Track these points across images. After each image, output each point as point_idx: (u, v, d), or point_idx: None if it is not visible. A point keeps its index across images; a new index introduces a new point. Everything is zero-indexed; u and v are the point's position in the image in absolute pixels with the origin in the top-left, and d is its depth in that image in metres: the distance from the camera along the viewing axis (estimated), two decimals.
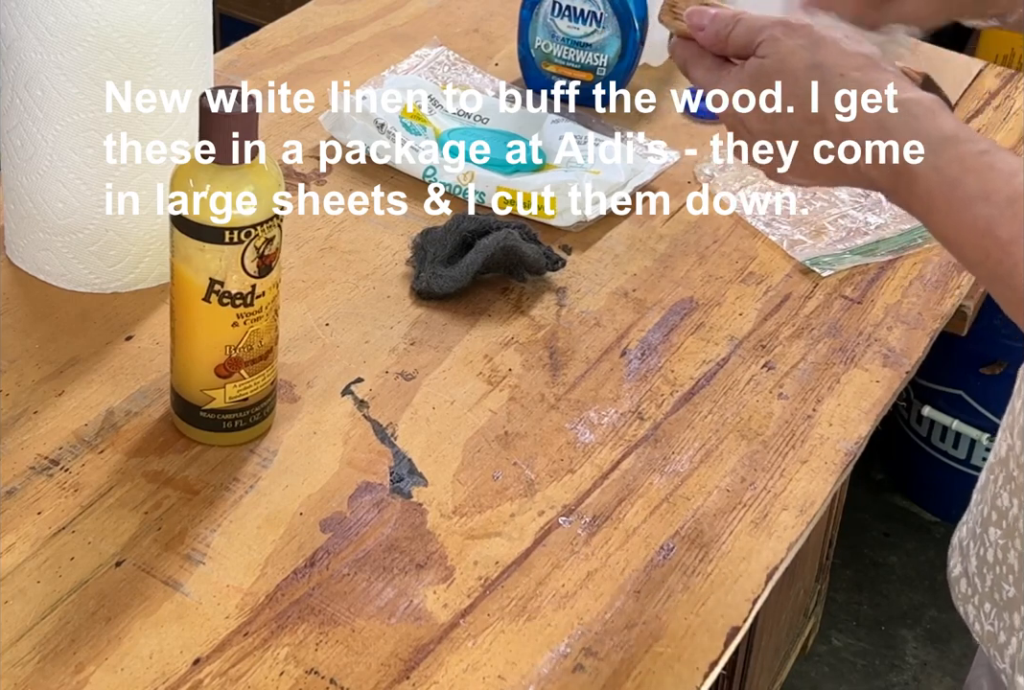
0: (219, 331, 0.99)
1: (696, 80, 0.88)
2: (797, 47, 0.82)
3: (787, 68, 0.82)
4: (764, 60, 0.83)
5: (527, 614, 0.95)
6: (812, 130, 0.81)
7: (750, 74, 0.84)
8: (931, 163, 0.77)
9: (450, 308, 1.20)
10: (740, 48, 0.85)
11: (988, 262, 0.76)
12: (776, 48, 0.83)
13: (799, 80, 0.81)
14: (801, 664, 2.02)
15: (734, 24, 0.85)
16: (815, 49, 0.82)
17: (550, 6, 1.44)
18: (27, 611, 0.92)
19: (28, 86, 1.10)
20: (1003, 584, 0.94)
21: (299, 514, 1.00)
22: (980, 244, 0.76)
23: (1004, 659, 0.94)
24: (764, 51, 0.83)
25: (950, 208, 0.77)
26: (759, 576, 1.00)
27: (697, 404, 1.13)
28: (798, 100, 0.81)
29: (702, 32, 0.86)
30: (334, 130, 1.36)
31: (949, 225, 0.78)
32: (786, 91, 0.82)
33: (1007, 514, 0.93)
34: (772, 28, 0.83)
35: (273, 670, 0.90)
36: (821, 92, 0.81)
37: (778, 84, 0.82)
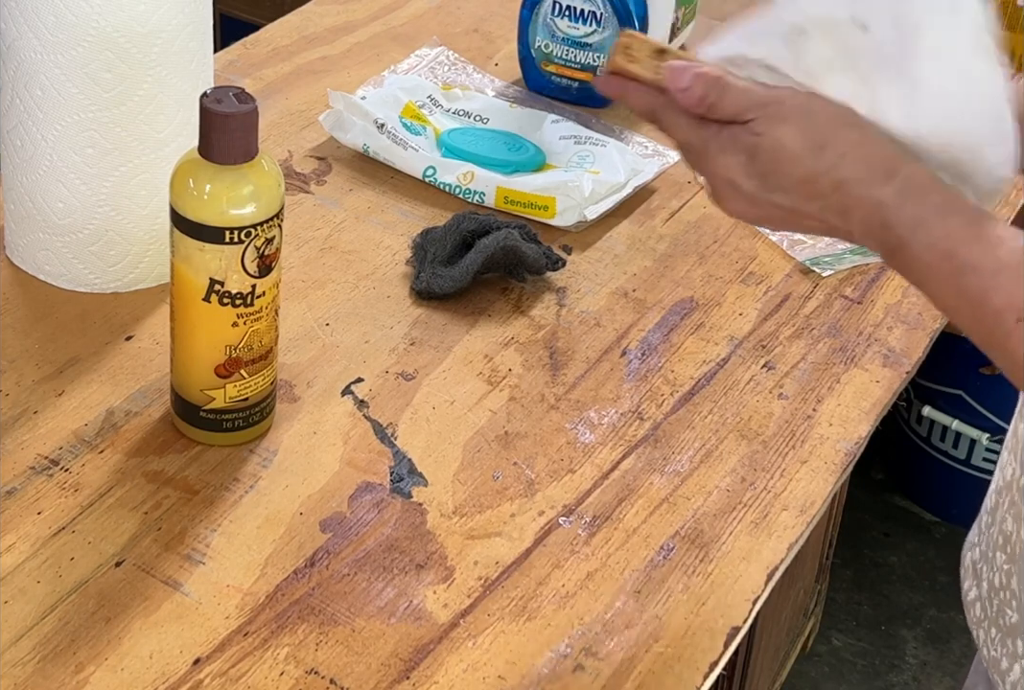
0: (219, 331, 0.99)
1: (677, 136, 0.85)
2: (795, 127, 0.81)
3: (787, 150, 0.80)
4: (760, 139, 0.81)
5: (527, 614, 0.95)
6: (812, 205, 0.82)
7: (746, 149, 0.82)
8: (923, 240, 0.78)
9: (450, 308, 1.20)
10: (728, 117, 0.82)
11: (983, 330, 0.78)
12: (772, 128, 0.81)
13: (800, 162, 0.80)
14: (801, 664, 2.02)
15: (721, 90, 0.82)
16: (814, 129, 0.81)
17: (550, 6, 1.44)
18: (27, 611, 0.92)
19: (28, 86, 1.10)
20: (1007, 609, 0.94)
21: (299, 514, 1.00)
22: (974, 314, 0.78)
23: (1006, 685, 0.94)
24: (758, 128, 0.81)
25: (943, 280, 0.79)
26: (759, 576, 1.00)
27: (697, 404, 1.13)
28: (799, 180, 0.81)
29: (685, 92, 0.82)
30: (334, 130, 1.36)
31: (943, 296, 0.80)
32: (787, 172, 0.81)
33: (1011, 539, 0.93)
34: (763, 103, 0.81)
35: (273, 670, 0.90)
36: (822, 175, 0.80)
37: (778, 164, 0.81)
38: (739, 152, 0.82)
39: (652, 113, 0.85)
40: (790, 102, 0.81)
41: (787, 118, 0.81)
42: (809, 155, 0.80)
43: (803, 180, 0.81)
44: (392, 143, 1.33)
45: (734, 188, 0.83)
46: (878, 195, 0.79)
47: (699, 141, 0.83)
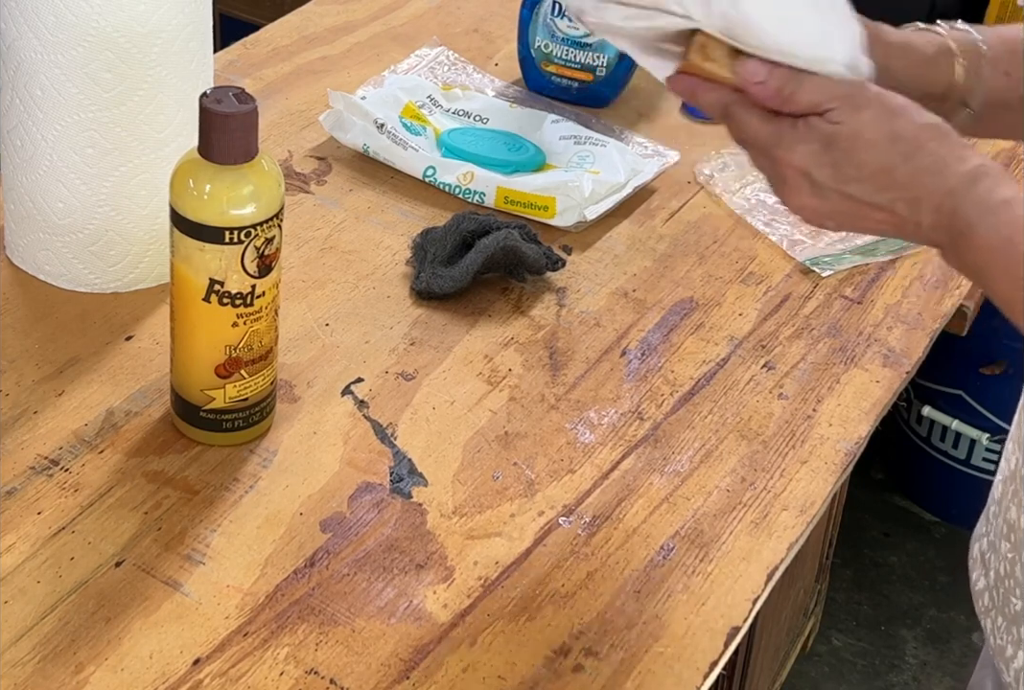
0: (219, 331, 0.99)
1: (749, 130, 0.85)
2: (873, 117, 0.83)
3: (864, 138, 0.82)
4: (838, 126, 0.83)
5: (527, 614, 0.95)
6: (883, 196, 0.83)
7: (822, 137, 0.83)
8: (989, 223, 0.80)
9: (450, 308, 1.20)
10: (805, 108, 0.83)
11: None
12: (851, 116, 0.82)
13: (879, 151, 0.82)
14: (801, 664, 2.02)
15: (799, 83, 0.83)
16: (891, 120, 0.83)
17: (550, 6, 1.44)
18: (27, 611, 0.92)
19: (28, 86, 1.10)
20: (1012, 597, 0.94)
21: (299, 514, 1.00)
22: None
23: (1010, 672, 0.94)
24: (838, 117, 0.83)
25: (1006, 265, 0.80)
26: (759, 576, 1.00)
27: (697, 404, 1.13)
28: (876, 170, 0.82)
29: (760, 85, 0.83)
30: (334, 130, 1.36)
31: (1003, 282, 0.81)
32: (865, 161, 0.82)
33: (1015, 528, 0.93)
34: (842, 94, 0.83)
35: (273, 670, 0.90)
36: (899, 164, 0.82)
37: (856, 153, 0.82)
38: (815, 141, 0.83)
39: (724, 109, 0.86)
40: (867, 93, 0.83)
41: (865, 108, 0.82)
42: (887, 145, 0.82)
43: (880, 169, 0.82)
44: (392, 143, 1.33)
45: (806, 178, 0.84)
46: (950, 182, 0.81)
47: (773, 134, 0.84)
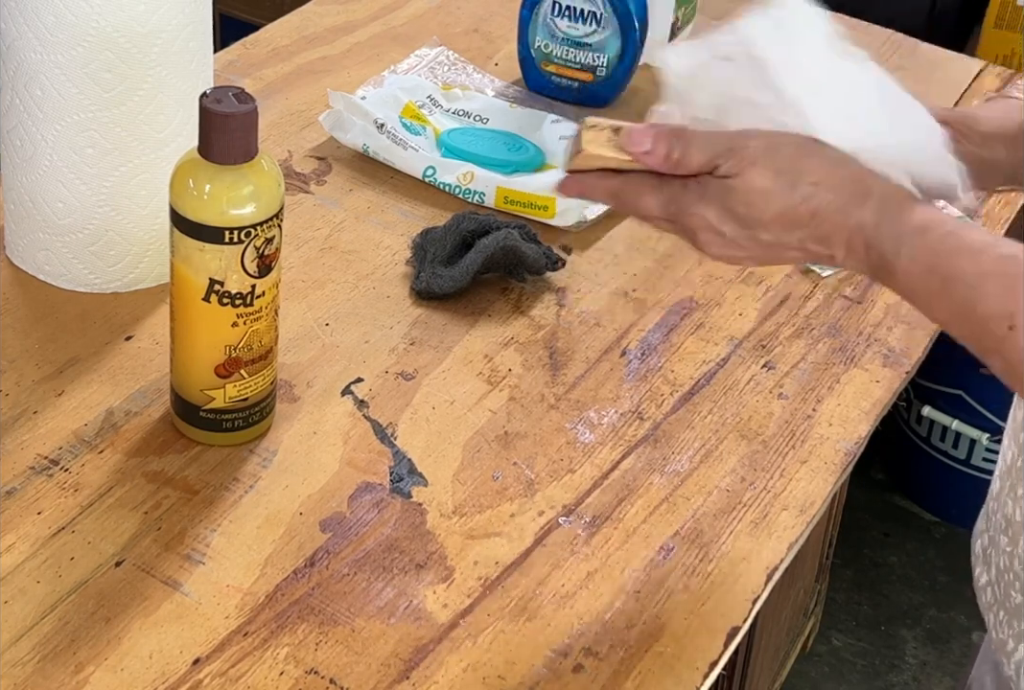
0: (219, 331, 0.99)
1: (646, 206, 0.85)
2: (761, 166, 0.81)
3: (758, 189, 0.81)
4: (730, 181, 0.82)
5: (527, 614, 0.95)
6: (791, 236, 0.82)
7: (717, 194, 0.82)
8: (905, 255, 0.79)
9: (450, 308, 1.20)
10: (697, 168, 0.83)
11: (975, 339, 0.79)
12: (740, 169, 0.82)
13: (773, 198, 0.81)
14: (801, 664, 2.02)
15: (685, 143, 0.83)
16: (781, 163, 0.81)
17: (550, 6, 1.44)
18: (27, 611, 0.92)
19: (28, 86, 1.10)
20: (1011, 591, 0.94)
21: (299, 514, 1.00)
22: (964, 324, 0.79)
23: (1011, 665, 0.94)
24: (726, 171, 0.82)
25: (929, 294, 0.80)
26: (759, 576, 1.00)
27: (697, 404, 1.13)
28: (775, 216, 0.82)
29: (648, 154, 0.83)
30: (334, 130, 1.36)
31: (933, 309, 0.81)
32: (762, 209, 0.82)
33: (1012, 522, 0.94)
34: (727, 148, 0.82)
35: (273, 670, 0.90)
36: (798, 207, 0.81)
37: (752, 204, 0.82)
38: (711, 198, 0.83)
39: (615, 195, 0.86)
40: (754, 143, 0.82)
41: (754, 159, 0.82)
42: (781, 190, 0.81)
43: (780, 214, 0.82)
44: (392, 143, 1.33)
45: (715, 234, 0.84)
46: (857, 218, 0.81)
47: (668, 202, 0.84)
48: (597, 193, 0.87)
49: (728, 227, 0.83)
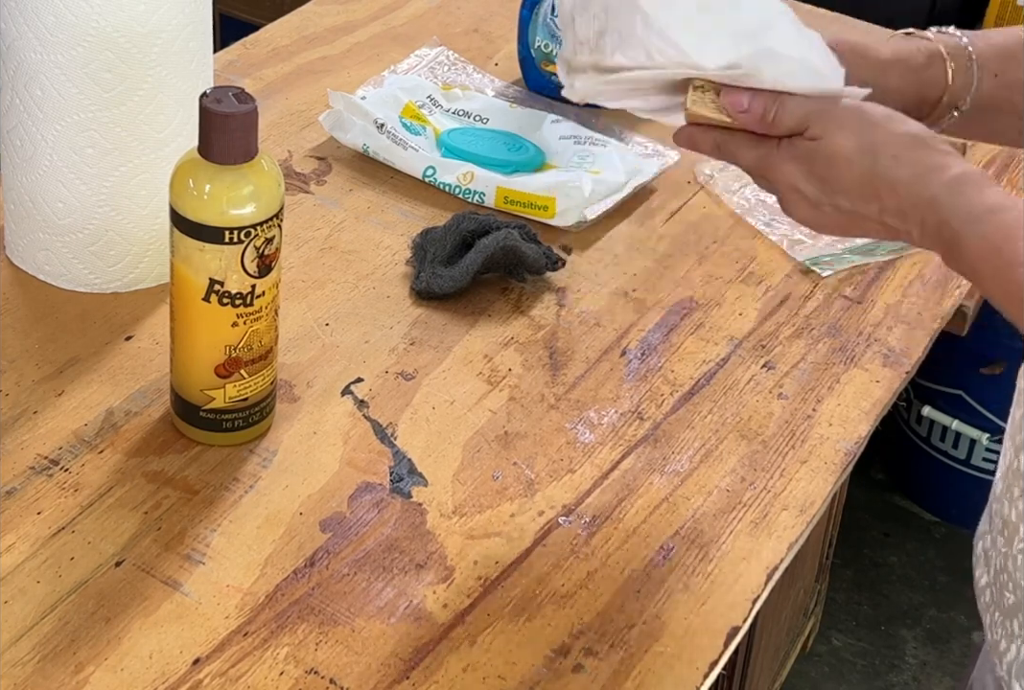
0: (219, 331, 0.99)
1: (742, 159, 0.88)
2: (848, 131, 0.84)
3: (841, 153, 0.84)
4: (816, 143, 0.85)
5: (527, 614, 0.95)
6: (868, 208, 0.85)
7: (803, 155, 0.85)
8: (977, 232, 0.81)
9: (450, 308, 1.20)
10: (789, 129, 0.86)
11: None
12: (827, 132, 0.84)
13: (854, 165, 0.84)
14: (801, 664, 2.02)
15: (778, 105, 0.85)
16: (867, 132, 0.84)
17: (550, 6, 1.44)
18: (27, 611, 0.92)
19: (28, 86, 1.10)
20: (1005, 592, 0.94)
21: (299, 514, 1.00)
22: (1022, 307, 0.79)
23: (1003, 666, 0.94)
24: (814, 134, 0.85)
25: (995, 273, 0.80)
26: (759, 576, 1.00)
27: (697, 404, 1.13)
28: (855, 183, 0.84)
29: (745, 113, 0.86)
30: (334, 130, 1.36)
31: (995, 289, 0.81)
32: (843, 174, 0.84)
33: (1008, 523, 0.94)
34: (818, 111, 0.85)
35: (273, 670, 0.90)
36: (876, 176, 0.83)
37: (834, 167, 0.84)
38: (798, 159, 0.86)
39: (717, 147, 0.89)
40: (843, 108, 0.85)
41: (841, 123, 0.84)
42: (862, 158, 0.84)
43: (859, 182, 0.84)
44: (392, 143, 1.33)
45: (799, 194, 0.86)
46: (932, 193, 0.82)
47: (761, 157, 0.87)
48: (703, 144, 0.90)
49: (811, 188, 0.85)
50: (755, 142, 0.87)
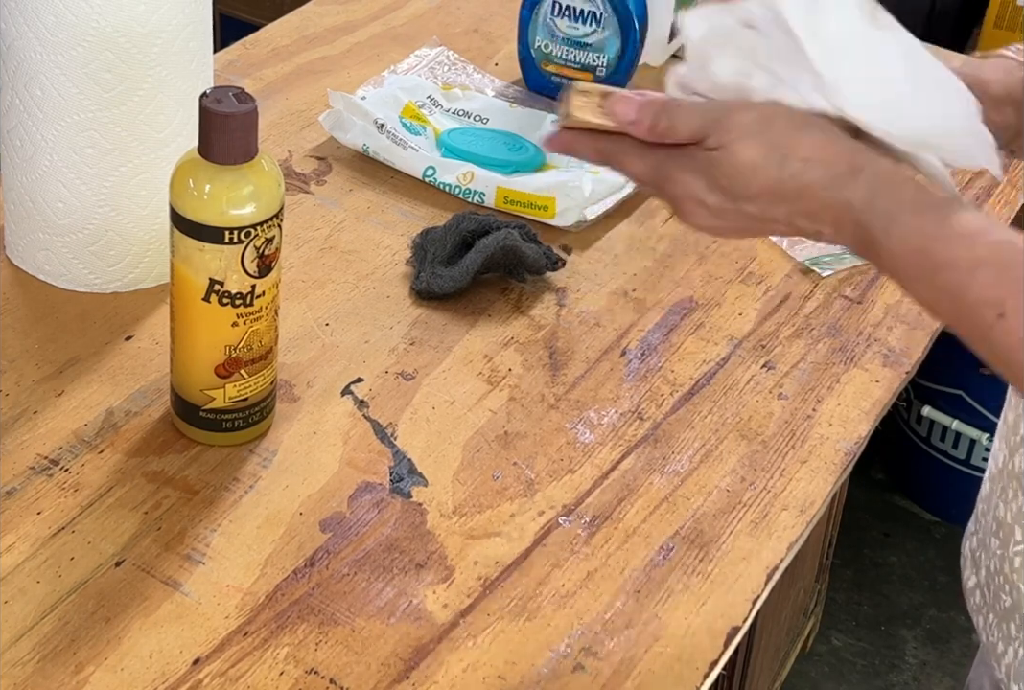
0: (219, 331, 0.99)
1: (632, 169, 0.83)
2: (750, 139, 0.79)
3: (745, 162, 0.79)
4: (716, 154, 0.80)
5: (527, 614, 0.95)
6: (776, 211, 0.81)
7: (702, 165, 0.81)
8: (896, 235, 0.77)
9: (450, 308, 1.20)
10: (684, 139, 0.81)
11: (964, 325, 0.77)
12: (727, 141, 0.80)
13: (760, 172, 0.79)
14: (801, 664, 2.02)
15: (671, 114, 0.81)
16: (773, 137, 0.79)
17: (550, 6, 1.44)
18: (27, 611, 0.92)
19: (28, 86, 1.10)
20: (1001, 594, 0.94)
21: (299, 514, 1.00)
22: (953, 310, 0.77)
23: (1001, 669, 0.94)
24: (714, 143, 0.80)
25: (919, 276, 0.77)
26: (759, 576, 1.00)
27: (697, 404, 1.13)
28: (762, 189, 0.80)
29: (634, 124, 0.81)
30: (334, 130, 1.36)
31: (921, 291, 0.79)
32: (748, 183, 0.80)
33: (1003, 524, 0.93)
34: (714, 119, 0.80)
35: (273, 670, 0.90)
36: (785, 182, 0.79)
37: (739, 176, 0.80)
38: (697, 170, 0.81)
39: (602, 155, 0.84)
40: (745, 115, 0.80)
41: (743, 132, 0.80)
42: (769, 164, 0.79)
43: (766, 189, 0.80)
44: (392, 143, 1.33)
45: (699, 204, 0.82)
46: (846, 196, 0.78)
47: (653, 168, 0.82)
48: (584, 151, 0.85)
49: (713, 198, 0.81)
50: (645, 150, 0.82)
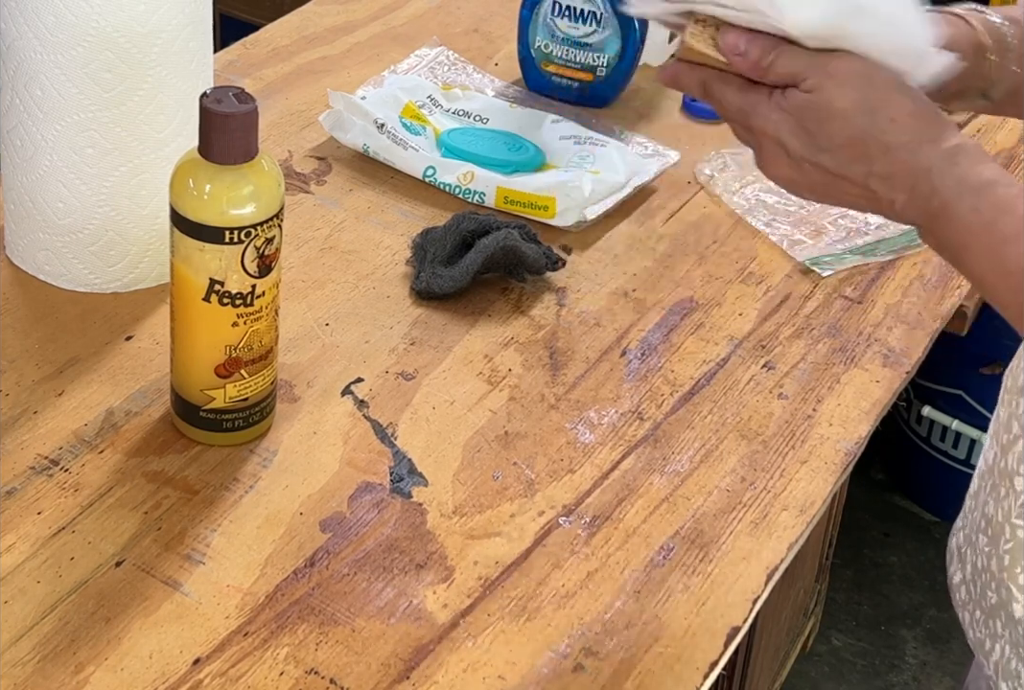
0: (219, 331, 0.99)
1: (727, 102, 0.85)
2: (848, 88, 0.81)
3: (837, 109, 0.81)
4: (811, 96, 0.81)
5: (527, 614, 0.95)
6: (856, 169, 0.82)
7: (795, 107, 0.82)
8: (969, 204, 0.79)
9: (450, 308, 1.20)
10: (782, 78, 0.82)
11: (1014, 302, 0.78)
12: (825, 86, 0.81)
13: (849, 122, 0.81)
14: (801, 664, 2.02)
15: (777, 53, 0.82)
16: (868, 91, 0.81)
17: (550, 6, 1.44)
18: (27, 611, 0.92)
19: (28, 86, 1.10)
20: (988, 591, 0.94)
21: (299, 514, 1.00)
22: (1010, 285, 0.78)
23: (990, 665, 0.94)
24: (811, 86, 0.81)
25: (985, 248, 0.79)
26: (759, 576, 1.00)
27: (697, 404, 1.13)
28: (846, 141, 0.81)
29: (740, 57, 0.82)
30: (334, 130, 1.36)
31: (983, 265, 0.79)
32: (835, 131, 0.81)
33: (992, 521, 0.94)
34: (819, 64, 0.82)
35: (273, 670, 0.90)
36: (871, 137, 0.81)
37: (827, 123, 0.81)
38: (788, 110, 0.82)
39: (702, 85, 0.85)
40: (847, 65, 0.81)
41: (842, 80, 0.81)
42: (860, 116, 0.81)
43: (851, 141, 0.81)
44: (392, 143, 1.33)
45: (780, 147, 0.83)
46: (926, 161, 0.80)
47: (748, 104, 0.83)
48: (689, 83, 0.86)
49: (795, 142, 0.82)
50: (745, 87, 0.83)
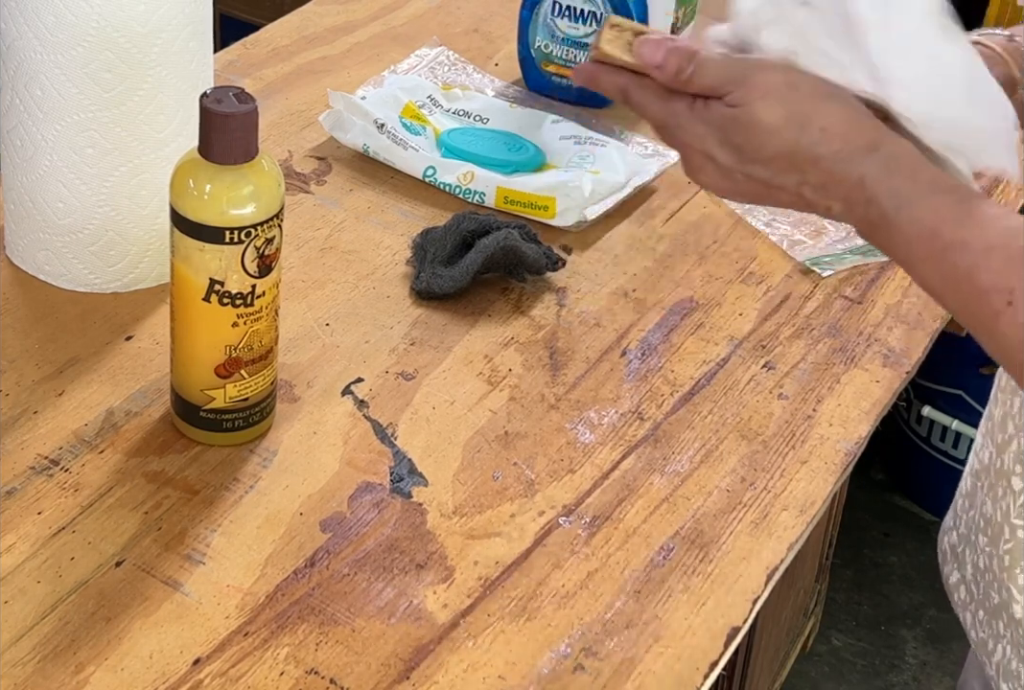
0: (219, 331, 0.99)
1: (649, 112, 0.83)
2: (773, 100, 0.79)
3: (764, 123, 0.79)
4: (736, 111, 0.79)
5: (527, 614, 0.95)
6: (786, 179, 0.80)
7: (720, 120, 0.80)
8: (907, 216, 0.77)
9: (450, 308, 1.20)
10: (704, 90, 0.81)
11: (969, 311, 0.76)
12: (749, 100, 0.79)
13: (777, 136, 0.79)
14: (801, 664, 2.02)
15: (697, 63, 0.80)
16: (795, 102, 0.79)
17: (550, 6, 1.44)
18: (27, 611, 0.92)
19: (28, 86, 1.10)
20: (990, 591, 0.94)
21: (299, 514, 1.00)
22: (960, 294, 0.76)
23: (992, 665, 0.94)
24: (735, 100, 0.79)
25: (929, 258, 0.77)
26: (759, 576, 1.00)
27: (697, 404, 1.13)
28: (775, 154, 0.79)
29: (659, 68, 0.81)
30: (334, 130, 1.36)
31: (928, 274, 0.78)
32: (763, 145, 0.79)
33: (991, 522, 0.93)
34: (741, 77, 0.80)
35: (273, 670, 0.90)
36: (801, 148, 0.78)
37: (755, 137, 0.79)
38: (713, 124, 0.80)
39: (623, 92, 0.84)
40: (770, 76, 0.79)
41: (767, 91, 0.79)
42: (788, 129, 0.78)
43: (781, 154, 0.79)
44: (392, 143, 1.33)
45: (708, 160, 0.81)
46: (860, 170, 0.78)
47: (670, 115, 0.82)
48: (606, 86, 0.85)
49: (723, 155, 0.80)
50: (666, 96, 0.82)
